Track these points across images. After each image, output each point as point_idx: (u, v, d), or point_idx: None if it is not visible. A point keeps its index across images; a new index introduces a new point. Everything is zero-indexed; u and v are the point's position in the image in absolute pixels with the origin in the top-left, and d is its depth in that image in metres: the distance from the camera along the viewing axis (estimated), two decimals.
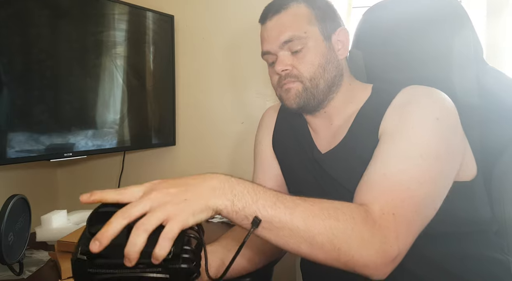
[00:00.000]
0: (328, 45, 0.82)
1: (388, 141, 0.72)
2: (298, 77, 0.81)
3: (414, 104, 0.73)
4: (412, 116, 0.72)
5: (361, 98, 0.84)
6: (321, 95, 0.82)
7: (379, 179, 0.68)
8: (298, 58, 0.81)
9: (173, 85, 1.82)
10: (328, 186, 0.83)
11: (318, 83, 0.81)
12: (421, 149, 0.69)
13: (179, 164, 1.91)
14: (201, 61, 1.84)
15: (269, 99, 1.78)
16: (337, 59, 0.84)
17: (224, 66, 1.81)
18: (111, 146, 1.60)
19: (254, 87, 1.79)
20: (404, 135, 0.71)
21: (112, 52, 1.57)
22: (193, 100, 1.86)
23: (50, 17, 1.38)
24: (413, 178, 0.67)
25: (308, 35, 0.80)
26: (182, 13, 1.81)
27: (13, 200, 0.89)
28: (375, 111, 0.78)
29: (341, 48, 0.85)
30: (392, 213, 0.64)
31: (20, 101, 1.30)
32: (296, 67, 0.81)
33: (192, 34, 1.82)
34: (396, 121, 0.73)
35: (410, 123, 0.71)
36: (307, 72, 0.81)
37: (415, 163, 0.68)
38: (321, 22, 0.82)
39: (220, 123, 1.84)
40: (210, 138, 1.86)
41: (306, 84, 0.81)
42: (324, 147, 0.86)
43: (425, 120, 0.71)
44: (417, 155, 0.68)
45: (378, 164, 0.70)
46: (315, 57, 0.81)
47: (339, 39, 0.85)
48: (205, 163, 1.87)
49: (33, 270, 0.98)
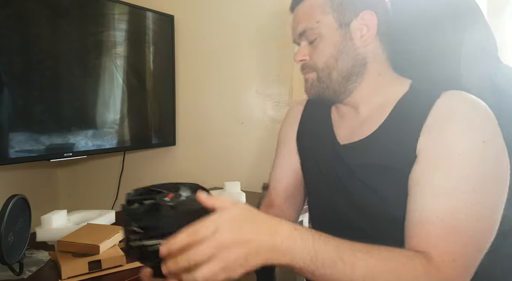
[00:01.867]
0: (343, 33, 0.77)
1: (435, 170, 0.67)
2: (313, 68, 0.80)
3: (458, 124, 0.67)
4: (459, 140, 0.66)
5: (394, 92, 0.79)
6: (336, 85, 0.80)
7: (434, 222, 0.64)
8: (314, 48, 0.79)
9: (173, 85, 1.82)
10: (346, 178, 0.80)
11: (330, 73, 0.79)
12: (472, 182, 0.64)
13: (179, 164, 1.91)
14: (201, 61, 1.84)
15: (269, 99, 1.78)
16: (354, 47, 0.78)
17: (224, 66, 1.81)
18: (111, 146, 1.60)
19: (254, 87, 1.79)
20: (452, 163, 0.66)
21: (112, 52, 1.57)
22: (193, 100, 1.86)
23: (50, 17, 1.38)
24: (469, 216, 0.63)
25: (320, 25, 0.77)
26: (182, 13, 1.81)
27: (13, 200, 0.89)
28: (412, 114, 0.72)
29: (366, 32, 0.78)
30: (453, 259, 0.62)
31: (20, 101, 1.30)
32: (312, 57, 0.80)
33: (192, 34, 1.83)
34: (440, 142, 0.68)
35: (457, 149, 0.66)
36: (319, 62, 0.79)
37: (469, 198, 0.64)
38: (337, 9, 0.77)
39: (220, 123, 1.84)
40: (210, 138, 1.86)
41: (319, 74, 0.80)
42: (346, 137, 0.83)
43: (473, 144, 0.65)
44: (469, 189, 0.64)
45: (429, 201, 0.66)
46: (326, 47, 0.78)
47: (363, 23, 0.77)
48: (205, 163, 1.87)
49: (33, 270, 0.98)
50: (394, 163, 0.71)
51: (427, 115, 0.70)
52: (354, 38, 0.78)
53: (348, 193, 0.79)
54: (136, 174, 1.94)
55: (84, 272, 0.93)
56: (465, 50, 0.85)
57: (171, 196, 0.58)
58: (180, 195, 0.58)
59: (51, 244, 1.15)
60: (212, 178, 1.84)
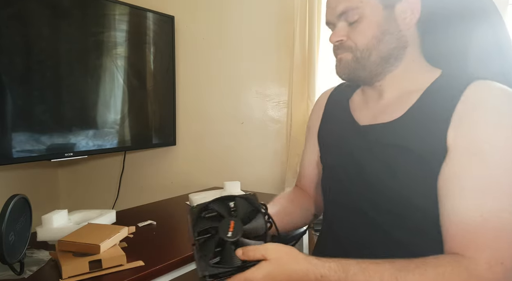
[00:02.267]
0: (387, 14, 0.75)
1: (472, 166, 0.64)
2: (351, 48, 0.77)
3: (490, 114, 0.65)
4: (493, 132, 0.63)
5: (423, 80, 0.76)
6: (373, 66, 0.77)
7: (477, 222, 0.61)
8: (354, 29, 0.76)
9: (174, 85, 1.82)
10: (365, 159, 0.79)
11: (370, 54, 0.76)
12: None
13: (179, 164, 1.91)
14: (201, 61, 1.84)
15: (269, 99, 1.79)
16: (398, 29, 0.76)
17: (224, 66, 1.82)
18: (111, 146, 1.60)
19: (254, 87, 1.80)
20: (489, 158, 0.63)
21: (112, 53, 1.58)
22: (193, 100, 1.87)
23: (51, 17, 1.38)
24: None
25: (364, 5, 0.74)
26: (182, 13, 1.81)
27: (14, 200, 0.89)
28: (442, 102, 0.70)
29: (409, 15, 0.75)
30: (501, 263, 0.59)
31: (21, 101, 1.31)
32: (350, 37, 0.77)
33: (192, 34, 1.83)
34: (472, 136, 0.65)
35: (495, 143, 0.63)
36: (360, 43, 0.76)
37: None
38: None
39: (220, 123, 1.84)
40: (210, 138, 1.86)
41: (357, 55, 0.77)
42: (367, 119, 0.82)
43: (508, 135, 0.63)
44: (511, 184, 0.61)
45: (469, 200, 0.63)
46: (369, 28, 0.75)
47: (409, 5, 0.75)
48: (205, 163, 1.88)
49: (34, 270, 0.98)
50: (420, 150, 0.69)
51: (457, 103, 0.68)
52: (398, 20, 0.75)
53: (364, 180, 0.77)
54: (137, 174, 1.94)
55: (84, 272, 0.93)
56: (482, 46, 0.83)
57: (232, 226, 0.66)
58: (240, 225, 0.66)
59: (52, 243, 1.15)
60: (212, 178, 1.84)
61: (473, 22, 0.84)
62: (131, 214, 1.45)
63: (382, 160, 0.74)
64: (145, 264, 0.98)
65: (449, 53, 0.84)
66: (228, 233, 0.64)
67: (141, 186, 1.95)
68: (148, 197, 1.73)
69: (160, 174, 1.94)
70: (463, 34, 0.85)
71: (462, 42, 0.85)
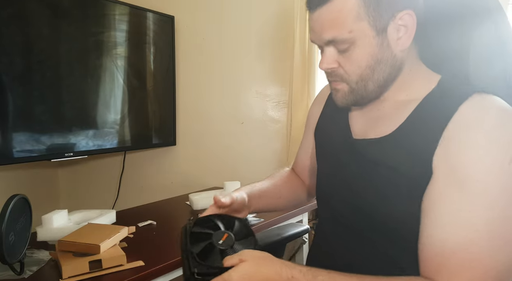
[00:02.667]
0: (380, 41, 0.69)
1: (451, 194, 0.61)
2: (344, 78, 0.73)
3: (482, 138, 0.60)
4: (482, 159, 0.59)
5: (420, 89, 0.72)
6: (372, 94, 0.74)
7: (447, 252, 0.60)
8: (345, 57, 0.70)
9: (173, 85, 1.82)
10: (354, 176, 0.77)
11: (366, 85, 0.72)
12: (491, 210, 0.58)
13: (179, 164, 1.91)
14: (201, 62, 1.84)
15: (269, 99, 1.79)
16: (392, 54, 0.70)
17: (224, 66, 1.82)
18: (111, 146, 1.60)
19: (254, 87, 1.80)
20: (469, 188, 0.60)
21: (112, 53, 1.58)
22: (193, 100, 1.87)
23: (51, 17, 1.39)
24: (486, 249, 0.58)
25: (355, 34, 0.68)
26: (182, 13, 1.81)
27: (14, 200, 0.89)
28: (434, 118, 0.66)
29: (403, 35, 0.69)
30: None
31: (21, 101, 1.31)
32: (342, 65, 0.72)
33: (192, 34, 1.83)
34: (458, 160, 0.61)
35: (479, 170, 0.59)
36: (353, 74, 0.71)
37: (487, 229, 0.58)
38: (373, 13, 0.67)
39: (220, 123, 1.84)
40: (210, 138, 1.86)
41: (353, 86, 0.72)
42: (361, 130, 0.79)
43: (495, 165, 0.59)
44: (487, 218, 0.58)
45: (442, 228, 0.61)
46: (362, 58, 0.70)
47: (401, 24, 0.69)
48: (205, 163, 1.88)
49: (34, 270, 0.98)
50: (408, 171, 0.66)
51: (449, 121, 0.63)
52: (391, 42, 0.69)
53: (351, 189, 0.76)
54: (137, 174, 1.94)
55: (84, 272, 0.93)
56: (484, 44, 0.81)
57: (225, 238, 0.72)
58: (232, 239, 0.72)
59: (52, 243, 1.16)
60: (212, 178, 1.84)
61: (475, 20, 0.82)
62: (131, 214, 1.45)
63: (371, 180, 0.73)
64: (145, 264, 0.98)
65: (449, 55, 0.81)
66: (220, 241, 0.71)
67: (141, 186, 1.95)
68: (148, 197, 1.73)
69: (160, 174, 1.94)
70: (464, 34, 0.82)
71: (463, 42, 0.81)
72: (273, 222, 1.34)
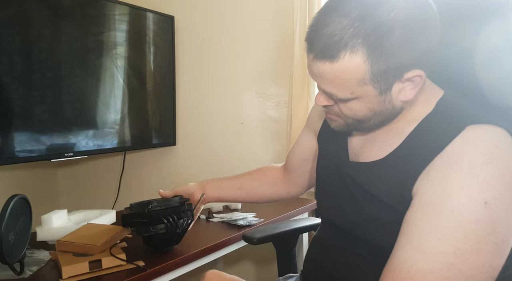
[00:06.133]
0: (383, 99, 0.66)
1: (421, 221, 0.61)
2: (339, 115, 0.71)
3: (461, 175, 0.59)
4: (456, 195, 0.59)
5: (419, 110, 0.70)
6: (371, 128, 0.74)
7: (406, 276, 0.59)
8: (342, 102, 0.69)
9: (173, 85, 1.83)
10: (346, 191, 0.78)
11: (361, 125, 0.72)
12: (455, 244, 0.57)
13: (179, 164, 1.91)
14: (201, 61, 1.84)
15: (269, 99, 1.79)
16: (392, 105, 0.68)
17: (224, 66, 1.82)
18: (111, 146, 1.60)
19: (254, 87, 1.80)
20: (440, 219, 0.59)
21: (112, 53, 1.58)
22: (193, 100, 1.87)
23: (51, 17, 1.39)
24: (443, 278, 0.57)
25: (355, 95, 0.66)
26: (182, 13, 1.81)
27: (14, 200, 0.89)
28: (424, 150, 0.65)
29: (409, 89, 0.66)
30: None
31: (21, 101, 1.31)
32: (339, 106, 0.70)
33: (192, 34, 1.83)
34: (435, 191, 0.61)
35: (450, 204, 0.58)
36: (349, 119, 0.71)
37: (446, 261, 0.57)
38: (379, 78, 0.63)
39: (220, 123, 1.84)
40: (210, 138, 1.86)
41: (348, 122, 0.72)
42: (357, 150, 0.78)
43: (470, 204, 0.57)
44: (450, 250, 0.57)
45: (404, 253, 0.61)
46: (360, 110, 0.68)
47: (409, 79, 0.65)
48: (205, 163, 1.88)
49: (33, 270, 0.98)
50: (392, 201, 0.67)
51: (436, 155, 0.62)
52: (394, 97, 0.66)
53: (343, 211, 0.77)
54: (137, 174, 1.94)
55: (84, 272, 0.93)
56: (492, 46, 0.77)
57: None
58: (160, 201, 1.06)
59: (52, 243, 1.15)
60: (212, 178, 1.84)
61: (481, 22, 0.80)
62: None
63: (360, 205, 0.73)
64: (145, 264, 0.98)
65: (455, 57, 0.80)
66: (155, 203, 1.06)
67: (141, 186, 1.95)
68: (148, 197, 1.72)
69: (160, 174, 1.94)
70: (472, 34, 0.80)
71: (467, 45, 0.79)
72: (273, 222, 1.34)
